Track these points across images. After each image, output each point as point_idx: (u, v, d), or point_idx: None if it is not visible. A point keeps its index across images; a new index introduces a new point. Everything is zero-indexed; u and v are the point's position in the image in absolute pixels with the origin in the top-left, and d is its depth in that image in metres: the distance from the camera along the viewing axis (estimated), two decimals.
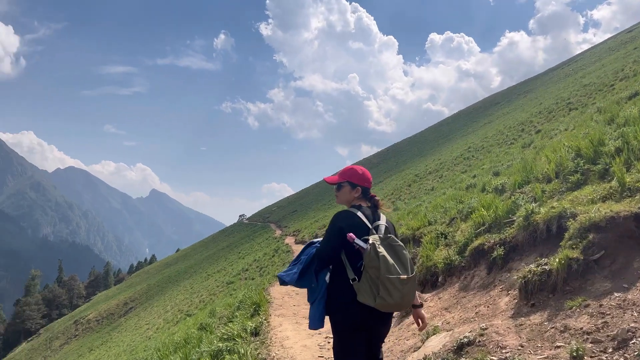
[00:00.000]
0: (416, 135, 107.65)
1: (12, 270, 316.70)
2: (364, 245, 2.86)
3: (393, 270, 2.79)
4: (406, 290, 2.81)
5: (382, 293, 2.77)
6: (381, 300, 2.77)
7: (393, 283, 2.77)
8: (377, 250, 2.81)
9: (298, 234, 37.98)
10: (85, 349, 44.91)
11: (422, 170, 37.39)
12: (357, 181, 3.24)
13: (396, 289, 2.77)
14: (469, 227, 5.63)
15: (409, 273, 2.84)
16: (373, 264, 2.79)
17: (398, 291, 2.77)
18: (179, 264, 74.25)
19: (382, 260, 2.78)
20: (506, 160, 14.28)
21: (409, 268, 2.88)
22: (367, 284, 2.82)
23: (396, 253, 2.89)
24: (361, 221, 3.01)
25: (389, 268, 2.78)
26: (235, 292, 22.00)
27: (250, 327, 5.71)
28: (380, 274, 2.77)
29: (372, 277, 2.80)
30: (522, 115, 36.08)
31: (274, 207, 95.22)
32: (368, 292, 2.81)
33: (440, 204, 9.14)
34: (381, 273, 2.77)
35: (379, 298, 2.78)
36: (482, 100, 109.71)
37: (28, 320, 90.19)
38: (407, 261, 2.90)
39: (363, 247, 2.85)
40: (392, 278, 2.77)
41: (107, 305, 65.46)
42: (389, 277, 2.76)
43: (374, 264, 2.79)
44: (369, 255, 2.81)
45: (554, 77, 66.14)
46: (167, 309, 37.12)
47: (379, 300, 2.78)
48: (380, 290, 2.77)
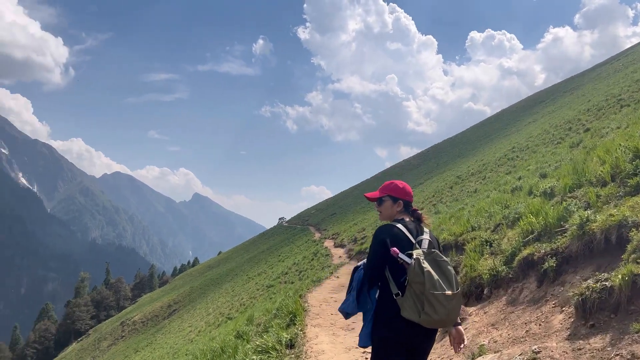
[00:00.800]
0: (457, 136, 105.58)
1: (63, 272, 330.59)
2: (408, 260, 2.83)
3: (438, 286, 2.76)
4: (451, 306, 2.77)
5: (427, 309, 2.74)
6: (426, 316, 2.75)
7: (438, 299, 2.74)
8: (422, 265, 2.78)
9: (337, 237, 37.76)
10: (131, 350, 46.03)
11: (464, 171, 36.49)
12: (399, 195, 3.20)
13: (441, 305, 2.74)
14: (516, 234, 5.24)
15: (454, 289, 2.81)
16: (417, 279, 2.77)
17: (443, 307, 2.74)
18: (220, 267, 75.32)
19: (427, 276, 2.76)
20: (553, 160, 13.64)
21: (454, 284, 2.84)
22: (412, 299, 2.79)
23: (441, 268, 2.85)
24: (404, 235, 2.98)
25: (434, 284, 2.76)
26: (275, 296, 22.01)
27: (285, 338, 5.53)
28: (425, 289, 2.75)
29: (417, 292, 2.77)
30: (569, 113, 34.74)
31: (313, 210, 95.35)
32: (412, 308, 2.78)
33: (484, 208, 8.76)
34: (426, 289, 2.75)
35: (424, 314, 2.75)
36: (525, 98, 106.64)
37: (78, 321, 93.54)
38: (452, 277, 2.86)
39: (407, 261, 2.83)
40: (437, 294, 2.74)
41: (152, 307, 67.04)
42: (434, 293, 2.74)
43: (419, 279, 2.76)
44: (414, 270, 2.78)
45: (602, 73, 63.56)
46: (209, 311, 37.62)
47: (424, 316, 2.75)
48: (425, 306, 2.75)
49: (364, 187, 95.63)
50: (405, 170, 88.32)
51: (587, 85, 57.88)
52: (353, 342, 5.55)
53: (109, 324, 78.56)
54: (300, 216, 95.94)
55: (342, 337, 5.88)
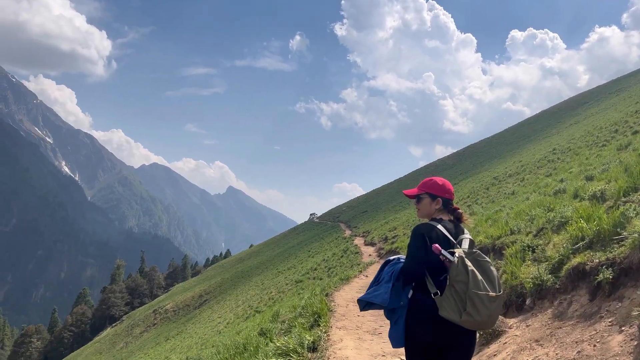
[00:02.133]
0: (494, 136, 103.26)
1: (101, 259, 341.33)
2: (451, 257, 2.73)
3: (482, 286, 2.66)
4: (493, 308, 2.67)
5: (470, 309, 2.64)
6: (467, 316, 2.64)
7: (482, 299, 2.64)
8: (466, 263, 2.68)
9: (367, 235, 37.41)
10: (162, 337, 46.92)
11: (501, 172, 35.47)
12: (437, 192, 3.06)
13: (484, 306, 2.64)
14: (564, 241, 4.75)
15: (497, 291, 2.70)
16: (461, 278, 2.67)
17: (486, 309, 2.64)
18: (251, 260, 76.01)
19: (472, 275, 2.66)
20: (599, 163, 12.91)
21: (497, 285, 2.73)
22: (452, 298, 2.68)
23: (483, 269, 2.73)
24: (443, 234, 2.88)
25: (478, 284, 2.66)
26: (303, 291, 21.87)
27: (308, 341, 5.20)
28: (469, 289, 2.65)
29: (459, 291, 2.67)
30: (615, 115, 33.32)
31: (344, 207, 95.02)
32: (453, 307, 2.67)
33: (524, 211, 8.26)
34: (470, 288, 2.65)
35: (465, 314, 2.64)
36: (567, 99, 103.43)
37: (113, 307, 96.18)
38: (495, 278, 2.75)
39: (450, 259, 2.73)
40: (481, 294, 2.64)
41: (184, 297, 68.23)
42: (477, 292, 2.64)
43: (462, 278, 2.67)
44: (457, 268, 2.68)
45: None
46: (238, 303, 37.95)
47: (465, 316, 2.64)
48: (468, 306, 2.64)
49: (397, 185, 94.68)
50: (440, 169, 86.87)
51: (635, 87, 55.63)
52: (379, 348, 5.21)
53: (142, 311, 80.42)
54: (331, 213, 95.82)
55: (368, 343, 5.53)
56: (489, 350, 4.19)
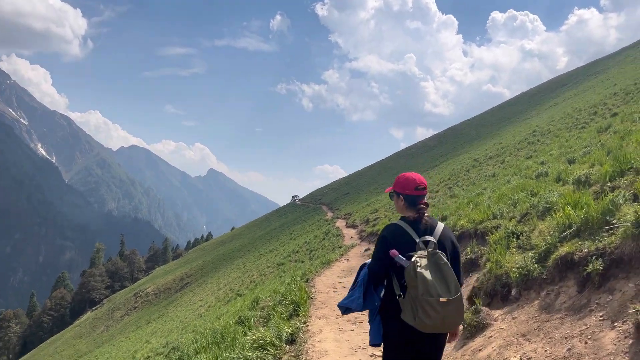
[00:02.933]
0: (475, 118, 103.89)
1: (80, 242, 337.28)
2: (404, 263, 2.76)
3: (432, 291, 2.68)
4: (447, 312, 2.68)
5: (420, 314, 2.69)
6: (419, 320, 2.70)
7: (431, 305, 2.67)
8: (416, 269, 2.70)
9: (349, 217, 37.40)
10: (143, 321, 46.71)
11: (482, 154, 35.64)
12: (399, 190, 3.05)
13: (434, 311, 2.66)
14: (550, 228, 4.59)
15: (451, 294, 2.70)
16: (412, 283, 2.72)
17: (436, 313, 2.66)
18: (233, 242, 75.78)
19: (421, 280, 2.68)
20: (580, 146, 12.92)
21: (453, 289, 2.73)
22: (409, 302, 2.75)
23: (442, 272, 2.74)
24: (407, 235, 2.89)
25: (428, 289, 2.67)
26: (285, 274, 21.77)
27: (286, 333, 5.03)
28: (418, 294, 2.69)
29: (412, 296, 2.73)
30: (594, 97, 33.59)
31: (326, 189, 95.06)
32: (409, 311, 2.75)
33: (506, 195, 8.16)
34: (419, 293, 2.68)
35: (418, 318, 2.70)
36: (547, 81, 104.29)
37: (93, 291, 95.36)
38: (452, 282, 2.75)
39: (404, 264, 2.76)
40: (431, 300, 2.67)
41: (165, 280, 67.90)
42: (427, 298, 2.67)
43: (413, 283, 2.71)
44: (409, 274, 2.73)
45: (628, 57, 61.72)
46: (220, 286, 37.82)
47: (418, 320, 2.71)
48: (419, 311, 2.70)
49: (378, 167, 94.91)
50: (421, 151, 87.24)
51: (613, 69, 56.17)
52: (360, 339, 5.05)
53: (122, 294, 79.88)
54: (313, 195, 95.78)
55: (348, 333, 5.37)
56: (474, 345, 4.05)
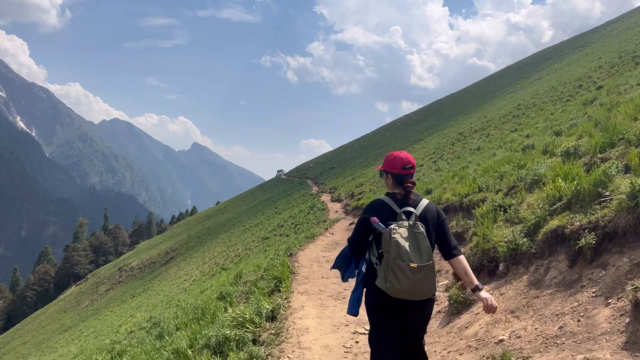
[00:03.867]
0: (460, 92, 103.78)
1: (63, 217, 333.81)
2: (382, 229, 2.85)
3: (405, 256, 2.74)
4: (417, 278, 2.74)
5: (390, 278, 2.76)
6: (389, 285, 2.77)
7: (402, 269, 2.73)
8: (391, 234, 2.78)
9: (334, 191, 37.37)
10: (128, 295, 46.67)
11: (467, 128, 35.62)
12: (388, 168, 3.14)
13: (405, 276, 2.73)
14: (539, 201, 4.45)
15: (422, 261, 2.77)
16: (386, 248, 2.80)
17: (407, 278, 2.73)
18: (218, 217, 75.54)
19: (394, 245, 2.75)
20: (566, 118, 12.84)
21: (425, 257, 2.80)
22: (383, 267, 2.82)
23: (417, 240, 2.82)
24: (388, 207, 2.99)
25: (401, 254, 2.74)
26: (270, 248, 21.72)
27: (266, 309, 4.88)
28: (390, 258, 2.76)
29: (386, 261, 2.81)
30: (579, 71, 33.58)
31: (312, 164, 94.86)
32: (382, 276, 2.82)
33: (492, 167, 8.04)
34: (391, 257, 2.76)
35: (388, 282, 2.77)
36: (531, 55, 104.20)
37: (77, 265, 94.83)
38: (425, 250, 2.82)
39: (381, 230, 2.85)
40: (402, 264, 2.73)
41: (149, 254, 67.67)
42: (398, 263, 2.74)
43: (387, 248, 2.79)
44: (385, 239, 2.81)
45: (613, 31, 61.72)
46: (205, 260, 37.79)
47: (388, 284, 2.77)
48: (389, 274, 2.77)
49: (364, 141, 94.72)
50: (406, 125, 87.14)
51: (597, 43, 56.21)
52: (342, 316, 4.90)
53: (107, 269, 79.54)
54: (299, 169, 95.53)
55: (330, 310, 5.25)
56: (460, 321, 3.91)
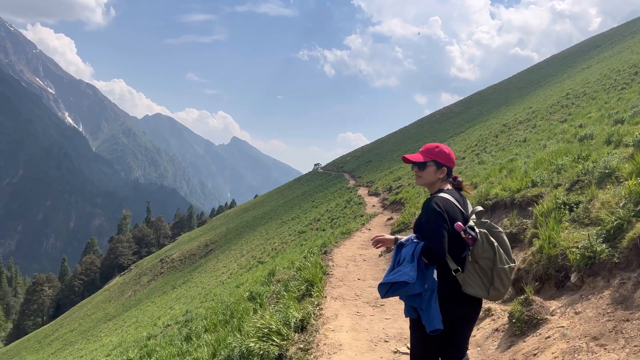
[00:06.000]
0: (502, 83, 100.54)
1: (108, 209, 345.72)
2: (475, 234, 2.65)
3: (505, 260, 2.65)
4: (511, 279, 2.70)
5: (497, 284, 2.65)
6: (495, 291, 2.66)
7: (506, 273, 2.65)
8: (491, 240, 2.65)
9: (371, 185, 36.71)
10: (169, 286, 47.51)
11: (511, 119, 34.21)
12: (444, 161, 2.93)
13: (508, 279, 2.67)
14: (617, 199, 3.79)
15: (512, 261, 2.70)
16: (486, 255, 2.64)
17: (509, 280, 2.67)
18: (256, 210, 76.06)
19: (497, 251, 2.64)
20: (626, 106, 11.83)
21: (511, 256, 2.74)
22: (476, 274, 2.67)
23: (500, 240, 2.69)
24: (458, 207, 2.80)
25: (502, 258, 2.65)
26: (306, 242, 21.41)
27: (295, 319, 4.39)
28: (495, 264, 2.64)
29: (484, 267, 2.66)
30: (633, 57, 31.66)
31: (349, 157, 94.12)
32: (479, 284, 2.66)
33: (546, 160, 7.31)
34: (496, 264, 2.64)
35: (493, 289, 2.65)
36: (578, 43, 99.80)
37: (121, 256, 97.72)
38: (509, 249, 2.74)
39: (475, 236, 2.65)
40: (506, 268, 2.64)
41: (190, 246, 68.82)
42: (503, 267, 2.64)
43: (488, 255, 2.64)
44: (482, 245, 2.64)
45: None
46: (242, 253, 37.98)
47: (493, 291, 2.66)
48: (495, 281, 2.65)
49: (401, 134, 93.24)
50: (446, 117, 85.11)
51: None
52: (381, 328, 4.34)
53: (149, 260, 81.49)
54: (336, 163, 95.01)
55: (367, 320, 4.68)
56: (525, 346, 3.26)
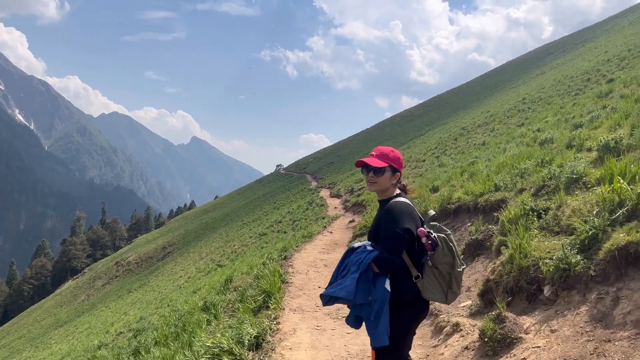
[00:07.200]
0: (461, 87, 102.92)
1: (62, 210, 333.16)
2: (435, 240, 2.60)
3: (459, 263, 2.64)
4: None
5: (455, 288, 2.63)
6: (453, 295, 2.64)
7: (461, 276, 2.66)
8: (450, 244, 2.61)
9: (333, 186, 36.70)
10: (124, 290, 46.25)
11: (469, 123, 34.87)
12: (398, 166, 2.83)
13: (461, 282, 2.67)
14: (589, 206, 3.62)
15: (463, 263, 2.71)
16: (446, 259, 2.60)
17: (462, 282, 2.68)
18: (216, 211, 74.95)
19: (456, 255, 2.62)
20: (580, 111, 12.08)
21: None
22: (435, 280, 2.61)
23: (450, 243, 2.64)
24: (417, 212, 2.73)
25: (459, 261, 2.65)
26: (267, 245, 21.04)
27: (249, 335, 4.06)
28: (454, 268, 2.61)
29: (443, 272, 2.61)
30: (585, 65, 32.81)
31: (311, 158, 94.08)
32: (437, 289, 2.60)
33: (508, 163, 7.27)
34: (455, 268, 2.61)
35: (451, 293, 2.63)
36: (533, 50, 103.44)
37: (74, 259, 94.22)
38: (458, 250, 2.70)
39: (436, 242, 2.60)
40: (461, 271, 2.65)
41: (147, 249, 67.17)
42: (459, 270, 2.63)
43: (447, 259, 2.60)
44: (442, 251, 2.59)
45: (616, 26, 61.01)
46: (202, 256, 37.27)
47: (451, 295, 2.63)
48: (453, 285, 2.63)
49: (363, 136, 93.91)
50: (406, 120, 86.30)
51: (601, 38, 55.45)
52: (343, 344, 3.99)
53: (104, 263, 79.04)
54: (298, 164, 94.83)
55: (328, 335, 4.40)
56: None
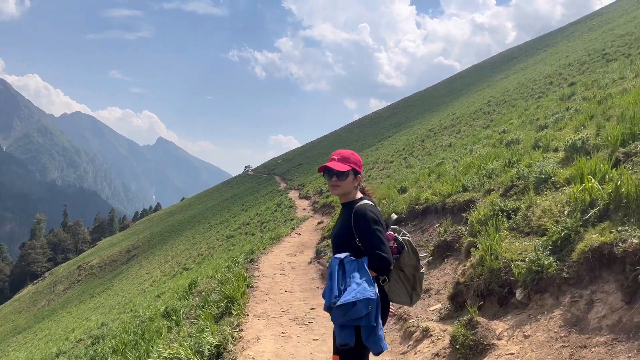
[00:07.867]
0: (427, 90, 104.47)
1: (21, 213, 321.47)
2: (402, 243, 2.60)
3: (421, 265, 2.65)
4: None
5: (418, 290, 2.63)
6: (417, 296, 2.63)
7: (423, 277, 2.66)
8: (414, 247, 2.61)
9: (302, 188, 36.57)
10: (87, 295, 45.04)
11: (436, 124, 35.33)
12: (359, 169, 2.77)
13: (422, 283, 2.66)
14: (560, 206, 3.57)
15: None
16: (411, 262, 2.59)
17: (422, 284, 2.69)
18: (183, 213, 73.78)
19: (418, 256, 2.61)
20: (544, 113, 12.29)
21: None
22: (401, 282, 2.59)
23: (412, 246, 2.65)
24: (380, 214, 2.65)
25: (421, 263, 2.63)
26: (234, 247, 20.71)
27: (210, 344, 3.84)
28: (418, 270, 2.60)
29: (407, 275, 2.60)
30: (547, 69, 33.72)
31: (280, 160, 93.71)
32: (403, 292, 2.58)
33: (475, 164, 7.27)
34: (418, 270, 2.61)
35: (415, 295, 2.62)
36: (497, 54, 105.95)
37: (33, 264, 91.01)
38: None
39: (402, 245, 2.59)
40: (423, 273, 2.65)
41: (110, 252, 65.55)
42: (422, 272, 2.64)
43: (412, 262, 2.59)
44: (408, 254, 2.58)
45: (576, 32, 63.10)
46: (167, 259, 36.57)
47: (415, 297, 2.62)
48: (417, 287, 2.62)
49: (332, 138, 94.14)
50: (374, 122, 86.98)
51: (562, 43, 57.25)
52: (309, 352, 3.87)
53: (65, 267, 76.69)
54: (267, 165, 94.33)
55: (293, 342, 4.18)
56: None
